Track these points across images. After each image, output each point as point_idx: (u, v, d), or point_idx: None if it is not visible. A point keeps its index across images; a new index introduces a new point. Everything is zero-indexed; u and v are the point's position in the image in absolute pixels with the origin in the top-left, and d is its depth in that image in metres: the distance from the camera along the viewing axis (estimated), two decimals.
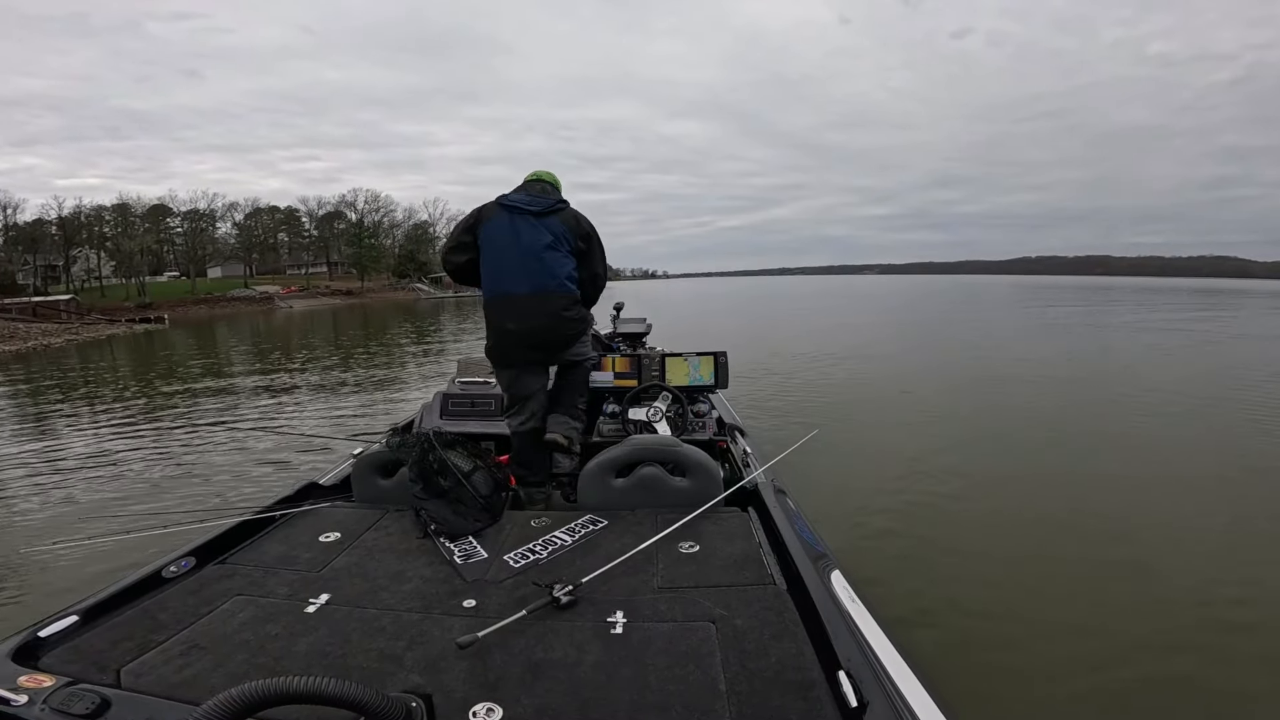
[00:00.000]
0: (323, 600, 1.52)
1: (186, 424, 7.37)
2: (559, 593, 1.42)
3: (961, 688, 2.18)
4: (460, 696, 1.14)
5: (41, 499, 4.76)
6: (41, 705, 1.06)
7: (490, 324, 2.43)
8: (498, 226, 2.36)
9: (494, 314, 2.41)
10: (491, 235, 2.36)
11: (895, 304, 31.95)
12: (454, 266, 2.48)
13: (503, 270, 2.35)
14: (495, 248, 2.36)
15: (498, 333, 2.42)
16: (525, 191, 2.43)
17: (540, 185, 2.46)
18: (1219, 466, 4.83)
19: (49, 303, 37.08)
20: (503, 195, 2.44)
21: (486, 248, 2.37)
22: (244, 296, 51.54)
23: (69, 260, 53.65)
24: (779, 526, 1.80)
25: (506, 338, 2.41)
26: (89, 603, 1.46)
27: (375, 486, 2.23)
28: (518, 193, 2.43)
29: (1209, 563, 3.20)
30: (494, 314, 2.41)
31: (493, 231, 2.36)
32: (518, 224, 2.34)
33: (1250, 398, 7.26)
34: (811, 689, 1.13)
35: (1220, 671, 2.36)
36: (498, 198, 2.44)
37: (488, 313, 2.43)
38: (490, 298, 2.40)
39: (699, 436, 3.04)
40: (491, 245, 2.36)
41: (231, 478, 5.09)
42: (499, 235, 2.35)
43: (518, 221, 2.34)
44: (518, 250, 2.33)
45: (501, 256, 2.35)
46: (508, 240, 2.34)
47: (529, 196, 2.40)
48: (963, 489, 4.33)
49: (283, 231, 72.17)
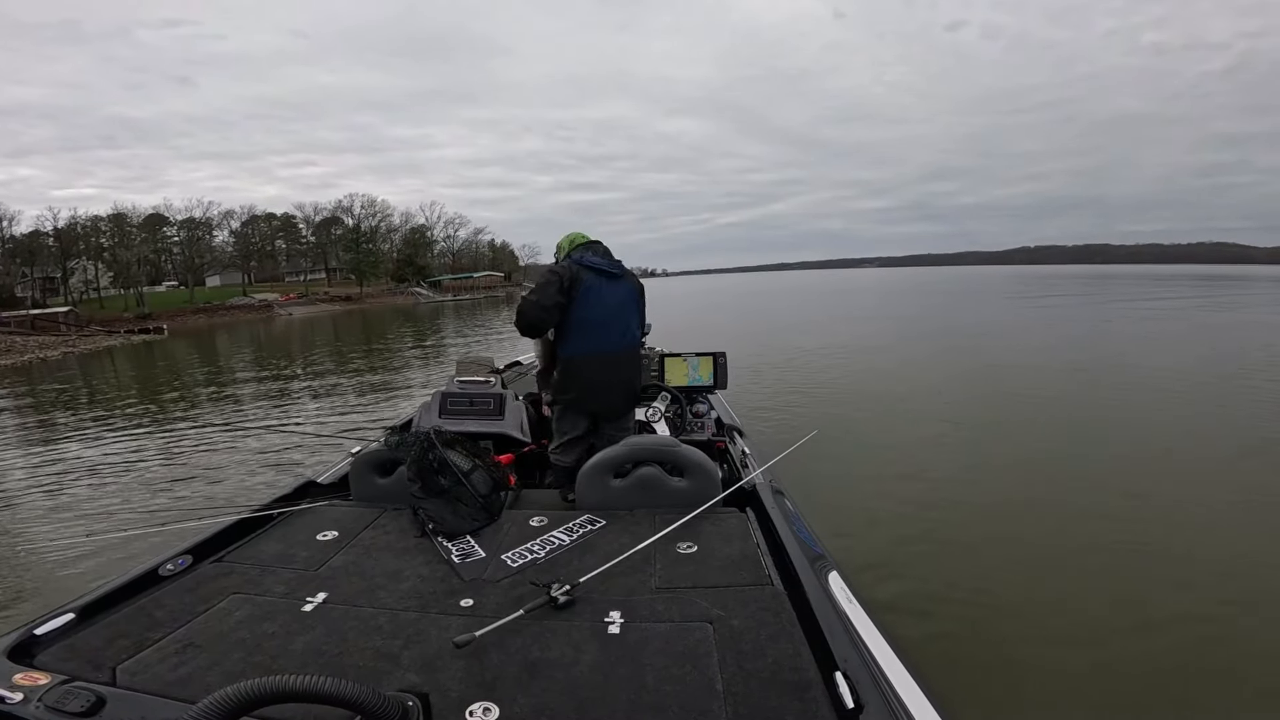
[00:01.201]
0: (320, 599, 1.52)
1: (185, 424, 7.39)
2: (556, 592, 1.42)
3: (959, 688, 2.19)
4: (457, 696, 1.14)
5: (40, 499, 4.77)
6: (37, 703, 1.06)
7: (581, 377, 2.56)
8: (594, 288, 2.51)
9: (590, 369, 2.55)
10: (590, 297, 2.51)
11: (893, 304, 31.84)
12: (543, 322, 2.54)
13: (603, 329, 2.53)
14: (593, 308, 2.51)
15: (590, 386, 2.57)
16: (593, 253, 2.59)
17: (602, 247, 2.64)
18: (1223, 461, 4.83)
19: (47, 315, 36.96)
20: (578, 256, 2.56)
21: (584, 308, 2.51)
22: (243, 305, 51.42)
23: (67, 272, 53.59)
24: (777, 527, 1.80)
25: (598, 391, 2.57)
26: (85, 600, 1.46)
27: (373, 485, 2.24)
28: (590, 255, 2.57)
29: (1209, 561, 3.20)
30: (590, 369, 2.55)
31: (592, 293, 2.51)
32: (607, 286, 2.54)
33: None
34: (808, 690, 1.13)
35: (1220, 672, 2.36)
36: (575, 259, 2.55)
37: (579, 367, 2.55)
38: (587, 354, 2.54)
39: (697, 437, 3.04)
40: (589, 306, 2.51)
41: (229, 476, 5.11)
42: (597, 297, 2.51)
43: (606, 284, 2.54)
44: (610, 312, 2.54)
45: (599, 317, 2.52)
46: (603, 301, 2.53)
47: (605, 260, 2.58)
48: (962, 488, 4.34)
49: (280, 238, 72.09)
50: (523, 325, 2.56)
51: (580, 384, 2.57)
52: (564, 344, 2.58)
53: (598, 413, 2.65)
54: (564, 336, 2.57)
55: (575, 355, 2.55)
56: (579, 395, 2.59)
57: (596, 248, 2.62)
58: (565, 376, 2.60)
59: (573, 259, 2.57)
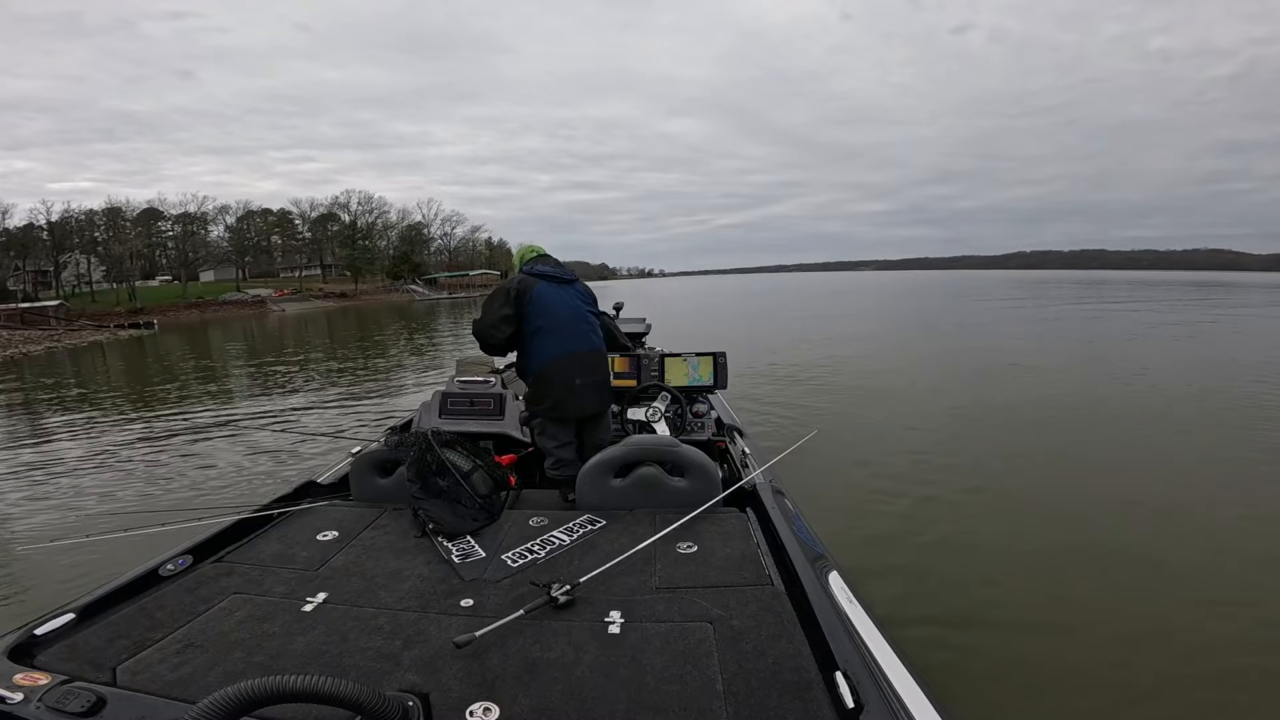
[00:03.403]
0: (320, 599, 1.52)
1: (184, 424, 7.34)
2: (557, 592, 1.42)
3: (958, 688, 2.20)
4: (457, 696, 1.14)
5: (39, 498, 4.73)
6: (37, 703, 1.06)
7: (555, 383, 2.53)
8: (546, 294, 2.51)
9: (561, 373, 2.52)
10: (545, 303, 2.50)
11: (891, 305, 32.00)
12: (500, 340, 2.53)
13: (564, 332, 2.52)
14: (551, 314, 2.51)
15: (566, 389, 2.55)
16: (544, 263, 2.63)
17: (551, 258, 2.69)
18: (1220, 457, 4.87)
19: (37, 309, 36.67)
20: (529, 268, 2.61)
21: (541, 315, 2.50)
22: (236, 300, 51.13)
23: (59, 266, 53.17)
24: (777, 527, 1.81)
25: (575, 393, 2.56)
26: (85, 601, 1.45)
27: (373, 485, 2.23)
28: (540, 264, 2.61)
29: (1211, 561, 3.21)
30: (561, 373, 2.52)
31: (544, 299, 2.51)
32: (558, 291, 2.55)
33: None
34: (809, 690, 1.13)
35: (1217, 671, 2.37)
36: (525, 270, 2.61)
37: (551, 373, 2.52)
38: (555, 358, 2.52)
39: (698, 437, 3.04)
40: (547, 312, 2.50)
41: (229, 476, 5.08)
42: (552, 302, 2.51)
43: (558, 290, 2.55)
44: (568, 313, 2.54)
45: (560, 320, 2.52)
46: (560, 306, 2.53)
47: (554, 268, 2.60)
48: (962, 487, 4.35)
49: (276, 234, 71.75)
50: (480, 344, 2.58)
51: (554, 388, 2.53)
52: (530, 356, 2.56)
53: (575, 415, 2.62)
54: (528, 349, 2.56)
55: (544, 362, 2.53)
56: (555, 400, 2.55)
57: (546, 259, 2.67)
58: (538, 385, 2.56)
59: (523, 270, 2.61)
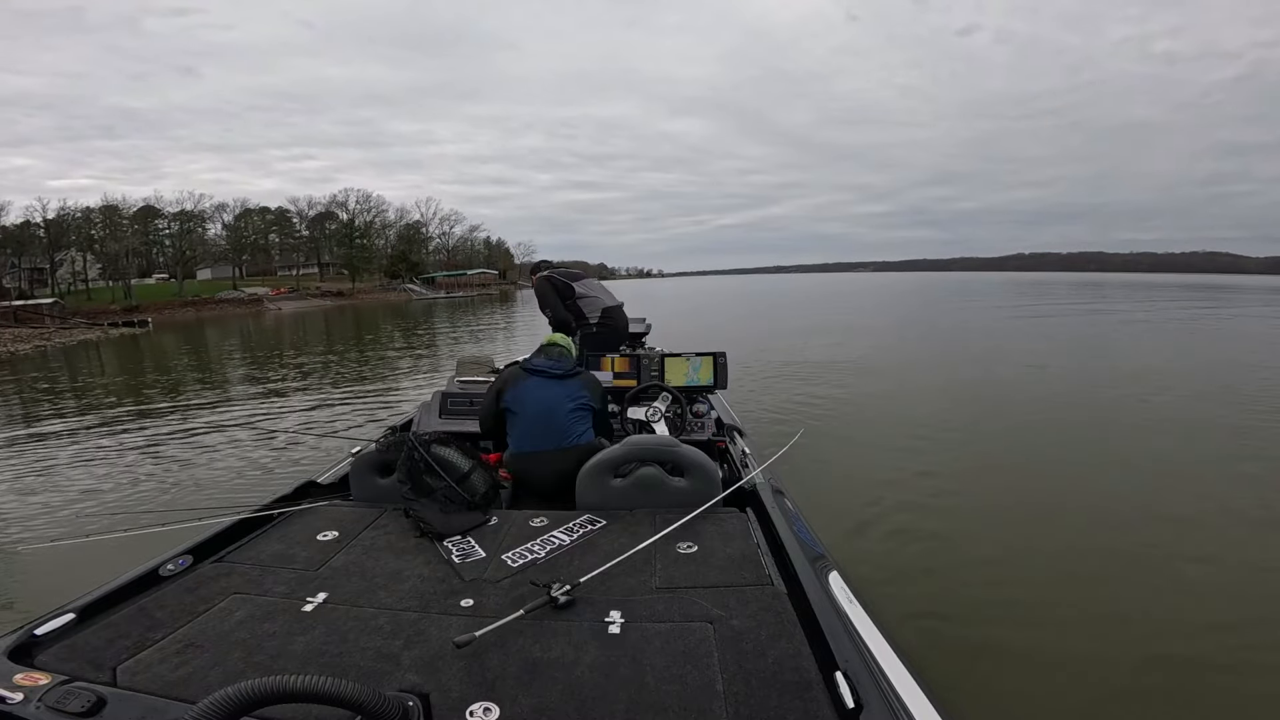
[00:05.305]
0: (320, 599, 1.51)
1: (184, 424, 7.31)
2: (557, 592, 1.42)
3: (958, 688, 2.20)
4: (457, 696, 1.14)
5: (39, 499, 4.70)
6: (37, 703, 1.06)
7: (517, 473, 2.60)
8: (525, 389, 2.60)
9: (526, 466, 2.59)
10: (521, 401, 2.59)
11: (889, 305, 32.06)
12: (491, 428, 2.71)
13: (531, 427, 2.56)
14: (524, 408, 2.57)
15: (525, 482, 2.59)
16: (545, 356, 2.71)
17: (558, 350, 2.76)
18: (1216, 454, 4.89)
19: (32, 307, 36.46)
20: (526, 360, 2.72)
21: (515, 408, 2.59)
22: (232, 299, 50.97)
23: (54, 263, 52.96)
24: (777, 527, 1.81)
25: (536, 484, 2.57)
26: (85, 601, 1.45)
27: (373, 485, 2.23)
28: (540, 357, 2.70)
29: (1212, 558, 3.22)
30: (526, 466, 2.59)
31: (522, 393, 2.59)
32: (545, 387, 2.60)
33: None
34: (809, 690, 1.13)
35: (1217, 669, 2.37)
36: (522, 363, 2.72)
37: (516, 467, 2.60)
38: (522, 452, 2.57)
39: (698, 437, 3.04)
40: (521, 410, 2.58)
41: (229, 476, 5.06)
42: (528, 400, 2.58)
43: (545, 385, 2.60)
44: (543, 409, 2.56)
45: (531, 414, 2.56)
46: (534, 404, 2.57)
47: (550, 361, 2.67)
48: (961, 487, 4.36)
49: (273, 233, 71.56)
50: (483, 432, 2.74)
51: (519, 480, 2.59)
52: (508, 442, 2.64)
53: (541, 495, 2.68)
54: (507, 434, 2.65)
55: (513, 452, 2.59)
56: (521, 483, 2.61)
57: (550, 351, 2.75)
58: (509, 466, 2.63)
59: (519, 363, 2.71)
